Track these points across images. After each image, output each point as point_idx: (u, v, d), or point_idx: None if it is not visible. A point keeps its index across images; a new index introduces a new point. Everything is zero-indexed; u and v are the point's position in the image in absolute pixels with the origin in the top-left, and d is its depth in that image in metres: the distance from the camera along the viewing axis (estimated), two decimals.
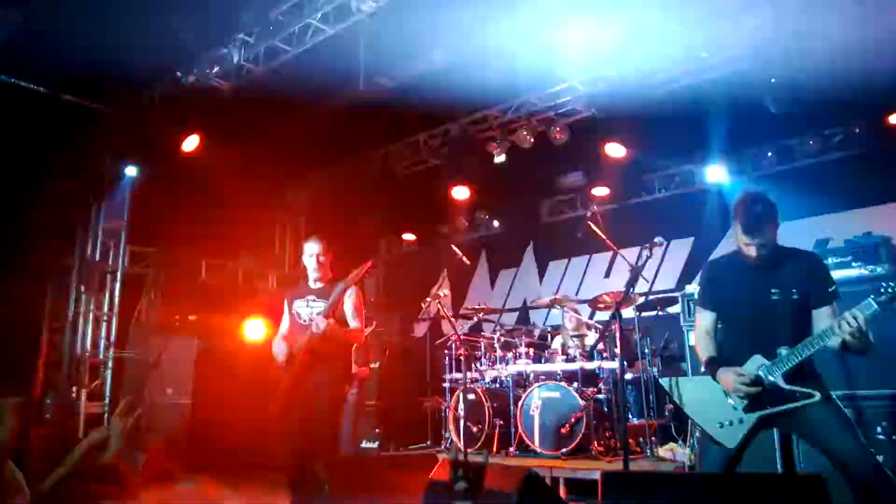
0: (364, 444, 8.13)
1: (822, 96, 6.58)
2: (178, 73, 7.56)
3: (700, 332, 3.54)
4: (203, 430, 7.42)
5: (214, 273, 10.07)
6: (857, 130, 7.48)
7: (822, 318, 3.18)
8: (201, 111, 7.91)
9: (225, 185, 8.90)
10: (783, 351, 3.16)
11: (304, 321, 4.64)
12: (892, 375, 4.56)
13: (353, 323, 4.72)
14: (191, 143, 8.14)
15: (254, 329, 9.03)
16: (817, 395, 3.09)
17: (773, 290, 3.25)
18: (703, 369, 3.52)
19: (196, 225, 9.22)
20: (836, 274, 5.00)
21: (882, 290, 2.97)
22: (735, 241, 3.37)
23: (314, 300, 4.74)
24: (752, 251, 3.25)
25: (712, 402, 3.35)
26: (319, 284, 4.89)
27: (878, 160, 7.40)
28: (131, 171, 8.54)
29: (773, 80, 6.80)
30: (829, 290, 3.21)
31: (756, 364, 3.23)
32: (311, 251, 5.00)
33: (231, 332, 8.34)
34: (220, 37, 7.10)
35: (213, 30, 6.94)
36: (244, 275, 10.52)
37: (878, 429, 4.52)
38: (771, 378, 3.17)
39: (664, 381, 4.82)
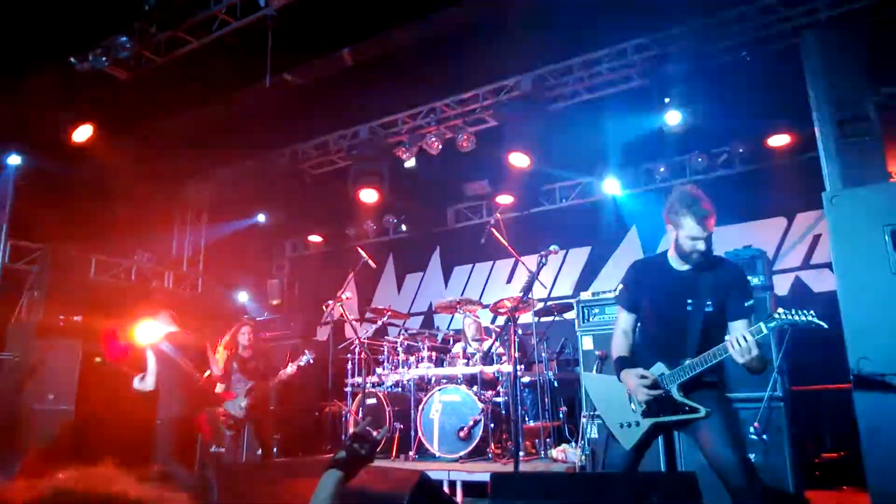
0: (258, 452, 7.92)
1: (711, 117, 7.03)
2: (72, 59, 7.16)
3: (618, 331, 3.51)
4: (85, 440, 7.03)
5: (105, 271, 9.56)
6: (741, 150, 8.02)
7: (736, 331, 3.13)
8: (96, 100, 7.53)
9: (119, 179, 8.50)
10: (686, 362, 3.16)
11: None
12: (762, 379, 4.92)
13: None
14: (83, 134, 7.71)
15: (146, 331, 8.62)
16: (702, 412, 3.11)
17: (688, 301, 3.22)
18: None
19: (86, 220, 8.74)
20: None
21: (776, 317, 3.03)
22: (678, 240, 3.24)
23: None
24: (700, 246, 3.16)
25: (617, 402, 3.42)
26: None
27: (758, 179, 7.99)
28: (14, 159, 7.99)
29: (666, 100, 7.20)
30: (746, 304, 3.19)
31: (657, 372, 3.25)
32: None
33: (123, 332, 7.94)
34: (119, 23, 6.78)
35: (111, 14, 6.61)
36: (138, 274, 10.05)
37: (751, 429, 4.83)
38: (668, 387, 3.20)
39: (583, 376, 4.97)
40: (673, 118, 7.00)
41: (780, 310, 3.05)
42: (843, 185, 4.19)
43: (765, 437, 4.69)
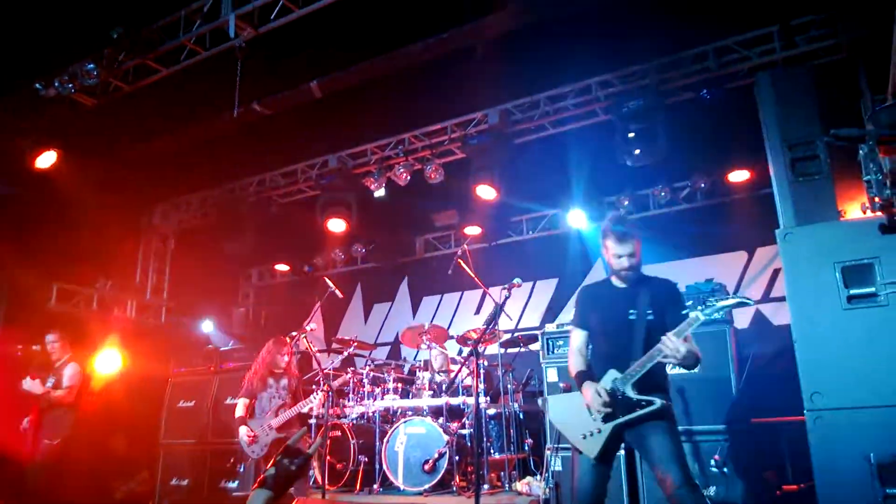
0: (223, 484, 7.75)
1: (673, 152, 7.20)
2: (37, 84, 7.09)
3: (572, 350, 3.89)
4: (43, 471, 6.82)
5: (66, 299, 9.36)
6: (703, 185, 8.21)
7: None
8: (61, 126, 7.44)
9: (83, 206, 8.37)
10: (633, 364, 3.51)
11: None
12: (721, 412, 4.98)
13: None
14: (46, 160, 7.61)
15: (106, 361, 8.45)
16: (658, 402, 3.44)
17: (630, 311, 3.61)
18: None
19: (48, 246, 8.57)
20: None
21: (709, 304, 3.45)
22: (608, 261, 3.76)
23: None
24: (623, 262, 3.64)
25: (577, 415, 3.65)
26: None
27: (719, 213, 8.18)
28: None
29: (630, 135, 7.37)
30: (682, 312, 3.54)
31: (611, 377, 3.57)
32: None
33: (81, 363, 7.75)
34: (86, 49, 6.75)
35: (78, 41, 6.58)
36: (99, 302, 9.85)
37: (712, 462, 4.88)
38: (622, 389, 3.52)
39: (540, 401, 4.99)
40: (635, 153, 7.15)
41: (711, 299, 3.47)
42: (796, 222, 4.31)
43: (725, 469, 4.75)
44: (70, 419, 6.61)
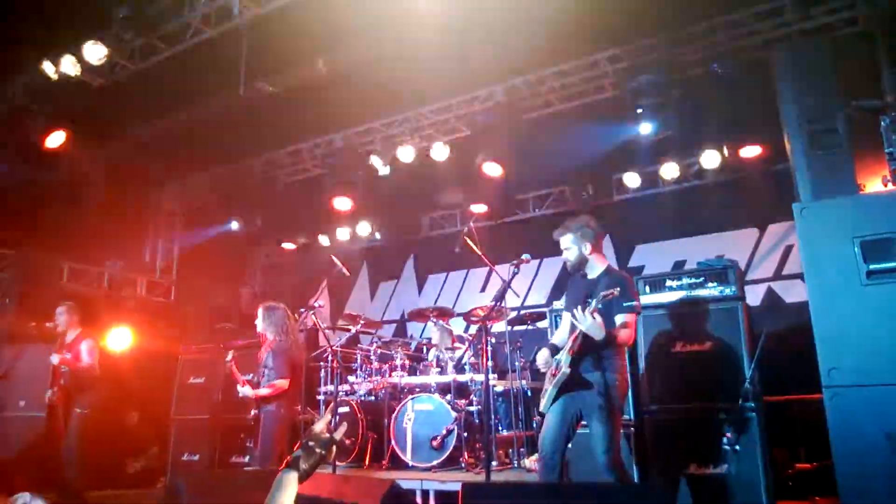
0: (234, 459, 7.83)
1: (683, 127, 7.11)
2: (45, 65, 7.05)
3: (561, 327, 4.53)
4: (57, 446, 6.91)
5: (77, 279, 9.42)
6: (713, 161, 8.08)
7: (616, 322, 4.05)
8: (69, 106, 7.42)
9: (92, 185, 8.39)
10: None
11: None
12: (733, 389, 4.94)
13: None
14: (56, 140, 7.60)
15: (118, 338, 8.51)
16: (567, 371, 4.00)
17: (588, 300, 4.03)
18: None
19: (59, 226, 8.62)
20: (691, 294, 5.45)
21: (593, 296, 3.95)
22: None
23: None
24: (566, 255, 4.37)
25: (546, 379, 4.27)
26: None
27: (730, 189, 8.04)
28: None
29: (639, 111, 7.28)
30: (625, 304, 4.03)
31: (564, 352, 4.12)
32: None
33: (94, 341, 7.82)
34: (93, 30, 6.70)
35: (84, 21, 6.53)
36: (110, 281, 9.90)
37: (724, 440, 4.83)
38: (559, 358, 4.10)
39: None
40: (644, 128, 7.08)
41: (600, 293, 3.91)
42: (814, 197, 4.24)
43: (737, 447, 4.72)
44: (97, 390, 6.66)
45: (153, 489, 7.68)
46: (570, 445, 4.19)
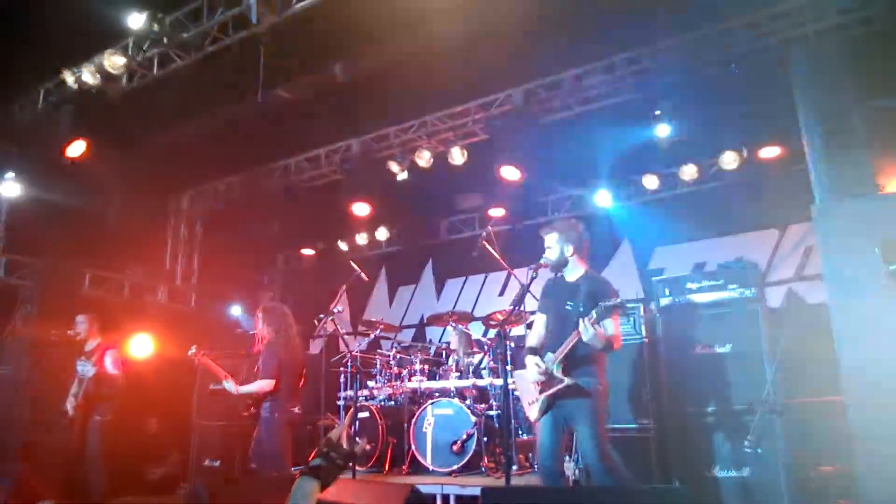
0: (253, 464, 7.88)
1: (701, 129, 7.06)
2: (65, 75, 7.17)
3: (534, 328, 4.56)
4: (78, 454, 7.00)
5: (98, 286, 9.54)
6: (732, 162, 8.00)
7: (610, 329, 4.12)
8: (89, 116, 7.53)
9: (113, 194, 8.50)
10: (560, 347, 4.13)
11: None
12: (754, 392, 4.91)
13: None
14: (76, 149, 7.72)
15: (140, 345, 8.61)
16: (566, 381, 4.05)
17: (567, 303, 4.25)
18: None
19: (80, 234, 8.74)
20: (711, 296, 5.42)
21: (598, 307, 3.96)
22: None
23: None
24: (546, 254, 4.44)
25: (526, 385, 4.33)
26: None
27: (749, 190, 7.96)
28: (9, 175, 8.00)
29: (657, 113, 7.24)
30: (598, 304, 4.04)
31: (549, 358, 4.19)
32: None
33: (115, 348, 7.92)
34: (112, 40, 6.80)
35: (103, 31, 6.63)
36: (131, 288, 10.03)
37: (745, 442, 4.80)
38: (551, 368, 4.13)
39: (515, 374, 5.30)
40: (663, 130, 7.04)
41: (601, 304, 3.95)
42: (832, 197, 4.20)
43: (758, 450, 4.69)
44: (117, 398, 6.74)
45: (174, 495, 7.75)
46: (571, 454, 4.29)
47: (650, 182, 8.41)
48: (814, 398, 5.61)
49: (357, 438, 2.11)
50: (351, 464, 2.06)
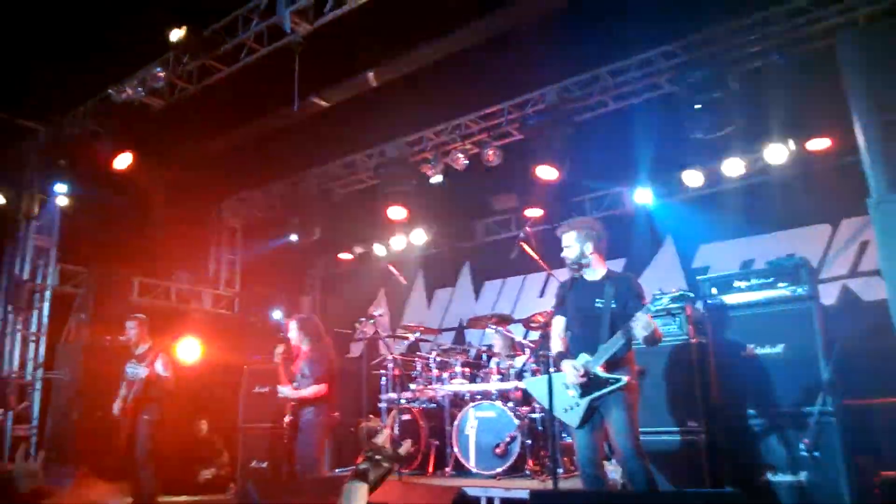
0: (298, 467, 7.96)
1: (745, 122, 6.86)
2: (110, 91, 7.37)
3: (554, 334, 4.44)
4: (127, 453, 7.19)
5: (147, 292, 9.78)
6: (779, 156, 7.76)
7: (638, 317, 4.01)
8: (134, 129, 7.73)
9: (158, 204, 8.70)
10: (601, 347, 4.05)
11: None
12: (809, 394, 4.74)
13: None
14: (123, 161, 7.92)
15: (188, 349, 8.80)
16: (624, 379, 3.98)
17: (597, 301, 4.17)
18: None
19: (128, 243, 9.00)
20: (761, 295, 5.25)
21: (655, 299, 4.00)
22: None
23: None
24: (564, 254, 4.38)
25: (558, 391, 4.11)
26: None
27: (799, 184, 7.64)
28: (61, 188, 8.26)
29: (697, 106, 7.07)
30: (641, 303, 4.08)
31: (583, 360, 4.09)
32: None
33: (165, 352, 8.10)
34: (152, 54, 6.95)
35: (144, 47, 6.78)
36: (177, 294, 10.24)
37: (801, 446, 4.65)
38: (593, 370, 4.03)
39: (527, 384, 5.32)
40: (704, 125, 6.86)
41: (657, 293, 4.00)
42: (889, 190, 4.03)
43: (816, 454, 4.52)
44: (164, 400, 6.88)
45: (223, 495, 7.88)
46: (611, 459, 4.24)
47: (692, 178, 8.20)
48: (874, 399, 5.41)
49: (401, 441, 2.12)
50: (397, 466, 2.07)
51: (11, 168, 8.32)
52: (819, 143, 7.35)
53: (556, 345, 4.40)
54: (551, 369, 4.07)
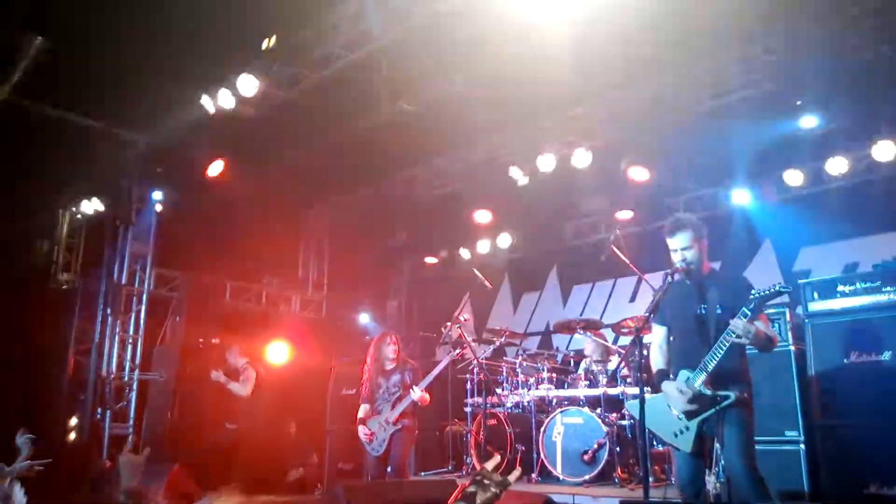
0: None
1: (850, 119, 6.47)
2: (203, 100, 7.68)
3: (654, 346, 4.01)
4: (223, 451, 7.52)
5: (238, 296, 10.16)
6: (886, 153, 7.27)
7: (763, 324, 3.65)
8: (226, 136, 8.03)
9: (249, 209, 9.02)
10: (704, 360, 3.58)
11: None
12: None
13: None
14: (216, 168, 8.26)
15: (277, 352, 9.09)
16: (732, 396, 3.53)
17: (701, 306, 3.76)
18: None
19: (220, 248, 9.36)
20: (866, 299, 4.96)
21: (750, 297, 3.48)
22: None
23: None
24: (676, 257, 3.82)
25: (665, 414, 3.74)
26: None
27: None
28: (158, 195, 8.68)
29: (798, 103, 6.72)
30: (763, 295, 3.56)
31: (683, 378, 3.66)
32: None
33: (254, 354, 8.39)
34: (244, 63, 7.21)
35: (237, 55, 7.03)
36: (267, 297, 10.60)
37: None
38: (696, 386, 3.58)
39: (628, 404, 4.92)
40: (807, 122, 6.52)
41: (753, 290, 3.50)
42: None
43: None
44: (245, 411, 7.19)
45: (311, 496, 8.06)
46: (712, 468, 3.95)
47: (793, 177, 7.78)
48: None
49: (487, 448, 2.13)
50: (504, 493, 2.07)
51: (110, 176, 8.76)
52: None
53: (657, 361, 3.97)
54: (646, 389, 3.81)
